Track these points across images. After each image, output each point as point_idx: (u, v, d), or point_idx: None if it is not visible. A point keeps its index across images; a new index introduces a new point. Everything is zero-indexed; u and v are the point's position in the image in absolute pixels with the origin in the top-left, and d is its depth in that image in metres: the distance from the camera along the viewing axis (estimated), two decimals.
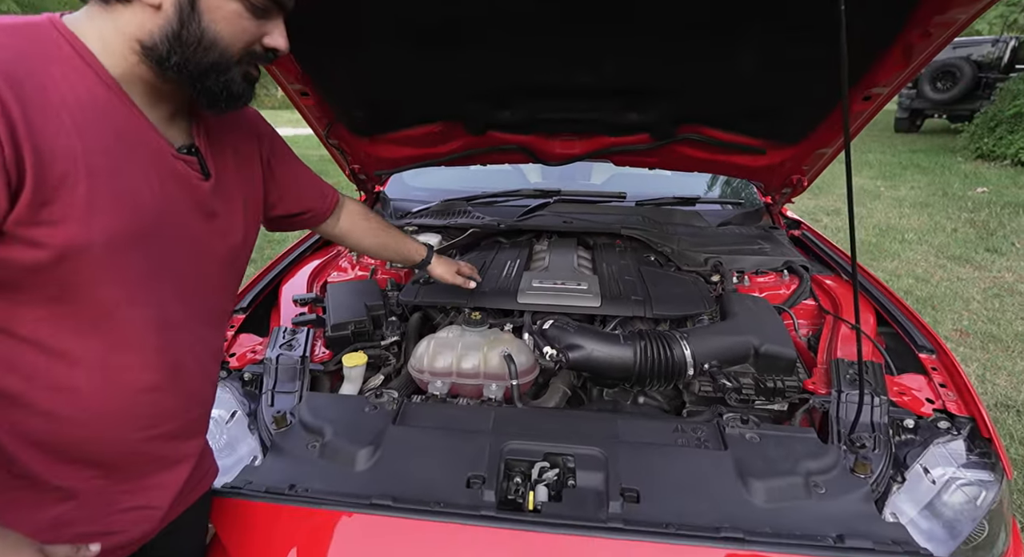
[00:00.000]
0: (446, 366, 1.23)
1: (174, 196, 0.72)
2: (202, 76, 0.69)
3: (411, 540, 0.86)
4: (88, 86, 0.63)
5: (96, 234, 0.63)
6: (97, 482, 0.72)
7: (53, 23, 0.64)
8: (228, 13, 0.67)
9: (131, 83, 0.68)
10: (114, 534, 0.74)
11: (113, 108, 0.66)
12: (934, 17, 1.12)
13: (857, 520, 0.88)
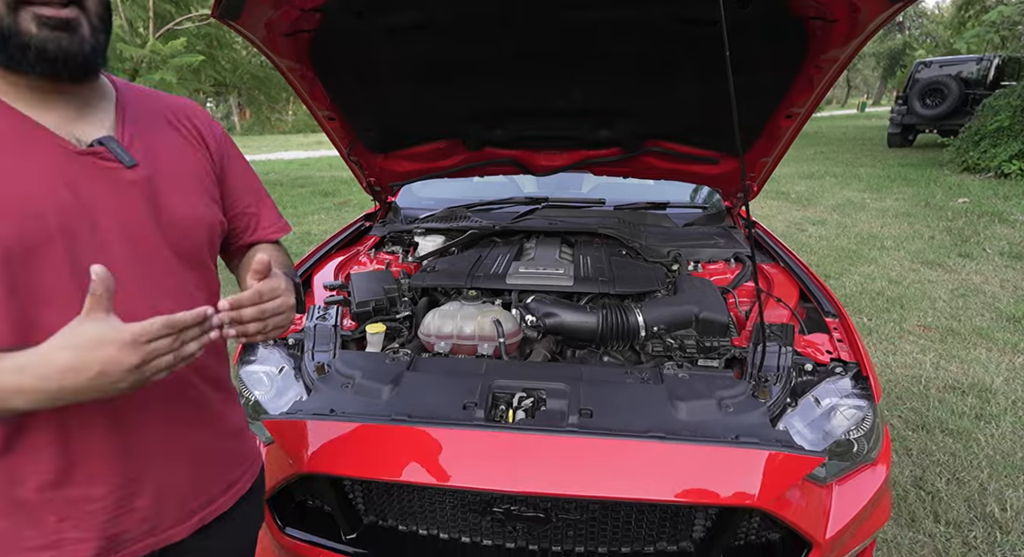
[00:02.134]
0: (448, 331, 1.55)
1: (92, 188, 0.71)
2: (2, 50, 0.65)
3: (419, 441, 1.17)
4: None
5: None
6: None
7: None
8: None
9: (10, 93, 0.69)
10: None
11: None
12: (820, 55, 1.46)
13: (753, 428, 1.19)
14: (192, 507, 0.83)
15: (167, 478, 0.79)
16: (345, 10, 1.44)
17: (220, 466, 0.88)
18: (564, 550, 1.20)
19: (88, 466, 0.72)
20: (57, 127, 0.70)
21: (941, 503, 1.98)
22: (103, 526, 0.74)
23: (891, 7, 1.24)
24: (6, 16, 0.64)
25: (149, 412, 0.76)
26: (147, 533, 0.78)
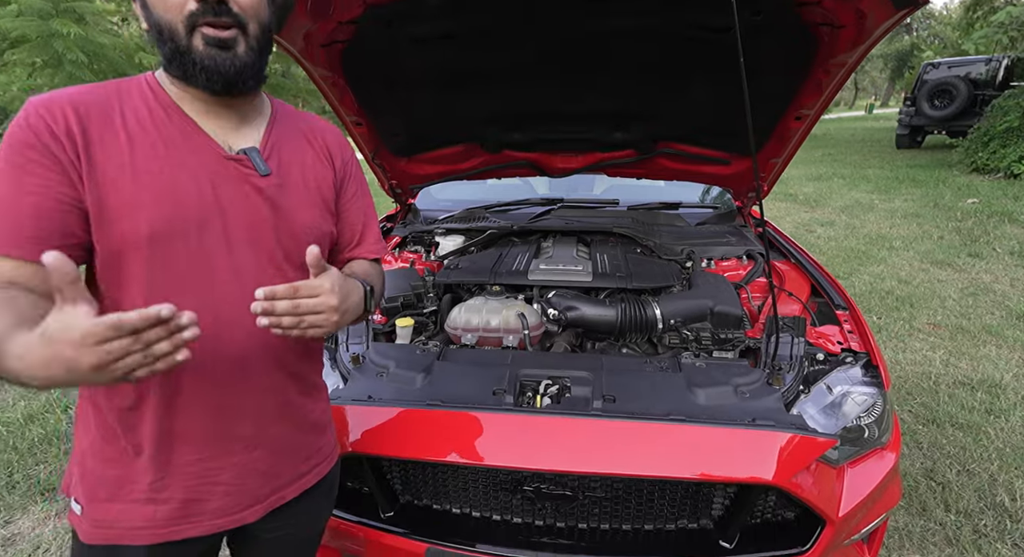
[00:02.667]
0: (475, 324, 1.63)
1: (230, 190, 0.81)
2: (179, 62, 0.76)
3: (453, 424, 1.25)
4: (148, 107, 0.79)
5: (139, 226, 0.74)
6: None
7: (146, 74, 0.83)
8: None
9: (184, 101, 0.81)
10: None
11: (165, 121, 0.79)
12: (829, 60, 1.53)
13: (768, 412, 1.26)
14: (265, 492, 0.91)
15: (248, 462, 0.88)
16: (377, 22, 1.53)
17: (294, 458, 0.95)
18: (590, 527, 1.27)
19: (185, 440, 0.83)
20: (215, 134, 0.82)
21: (952, 493, 2.03)
22: (189, 490, 0.84)
23: (897, 13, 1.31)
24: (184, 37, 0.74)
25: (242, 402, 0.85)
26: (224, 510, 0.87)
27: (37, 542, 1.83)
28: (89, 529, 0.83)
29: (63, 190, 0.72)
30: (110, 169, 0.74)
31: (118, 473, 0.82)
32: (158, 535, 0.83)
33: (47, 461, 2.24)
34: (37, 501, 2.02)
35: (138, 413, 0.81)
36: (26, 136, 0.72)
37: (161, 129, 0.78)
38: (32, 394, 2.72)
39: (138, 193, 0.75)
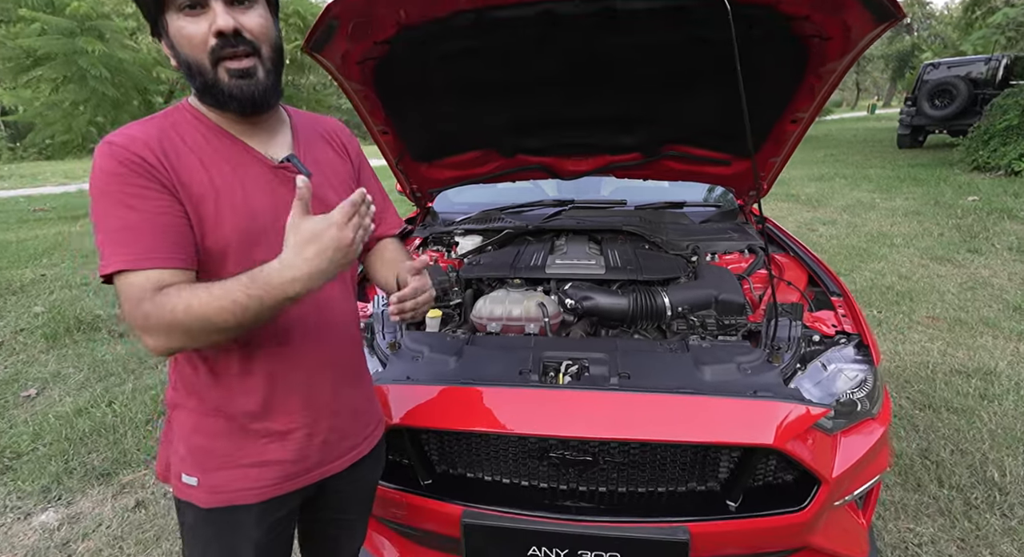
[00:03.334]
0: (499, 314, 1.78)
1: (284, 196, 0.91)
2: (210, 93, 0.87)
3: (485, 399, 1.40)
4: (202, 134, 0.90)
5: (227, 234, 0.87)
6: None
7: (183, 103, 0.95)
8: (178, 31, 0.83)
9: (226, 124, 0.92)
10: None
11: (221, 144, 0.91)
12: (819, 68, 1.69)
13: (768, 385, 1.40)
14: (345, 448, 1.08)
15: (334, 424, 1.04)
16: (409, 41, 1.69)
17: (363, 420, 1.13)
18: (609, 491, 1.42)
19: (286, 408, 0.98)
20: (259, 147, 0.94)
21: (945, 470, 2.16)
22: (295, 452, 1.00)
23: (878, 27, 1.46)
24: (210, 71, 0.85)
25: (325, 373, 1.02)
26: (319, 463, 1.03)
27: (99, 520, 1.99)
28: (206, 496, 0.96)
29: (178, 208, 0.85)
30: (195, 188, 0.86)
31: (226, 445, 0.96)
32: (267, 492, 0.98)
33: (99, 450, 2.40)
34: (93, 485, 2.18)
35: (242, 390, 0.95)
36: (127, 169, 0.82)
37: (219, 151, 0.90)
38: (77, 390, 2.89)
39: (221, 208, 0.88)
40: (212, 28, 0.82)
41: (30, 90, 6.70)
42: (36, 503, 2.09)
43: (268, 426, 0.97)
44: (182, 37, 0.83)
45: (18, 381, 3.07)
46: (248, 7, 0.86)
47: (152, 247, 0.82)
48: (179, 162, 0.86)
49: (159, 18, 0.85)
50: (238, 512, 0.97)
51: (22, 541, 1.91)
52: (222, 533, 0.99)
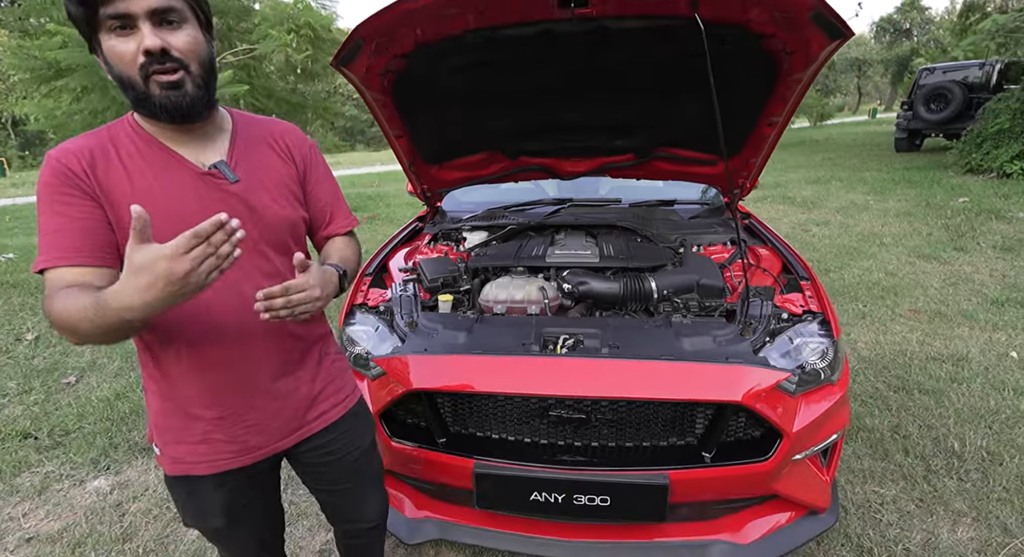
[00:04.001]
0: (504, 297, 2.00)
1: (210, 198, 1.00)
2: (143, 105, 0.94)
3: (493, 366, 1.62)
4: (135, 144, 0.99)
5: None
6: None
7: (127, 116, 1.03)
8: (111, 50, 0.90)
9: (159, 133, 1.00)
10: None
11: (150, 152, 0.99)
12: (788, 78, 1.91)
13: (739, 354, 1.61)
14: (291, 427, 1.17)
15: (271, 408, 1.13)
16: (425, 56, 1.92)
17: (308, 401, 1.18)
18: (600, 445, 1.63)
19: (218, 397, 1.07)
20: (189, 155, 1.01)
21: (911, 442, 2.36)
22: (230, 434, 1.10)
23: (832, 43, 1.68)
24: (141, 84, 0.92)
25: (254, 362, 1.09)
26: (259, 445, 1.13)
27: (145, 486, 2.22)
28: (169, 464, 1.10)
29: (98, 213, 0.94)
30: (116, 195, 0.94)
31: (176, 424, 1.08)
32: (214, 466, 1.09)
33: (138, 429, 2.63)
34: (137, 457, 2.40)
35: (182, 380, 1.05)
36: (57, 179, 0.93)
37: (147, 159, 0.98)
38: (113, 378, 3.12)
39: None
40: (140, 47, 0.88)
41: (51, 100, 6.96)
42: (88, 472, 2.32)
43: (204, 412, 1.07)
44: (114, 54, 0.90)
45: (58, 370, 3.30)
46: (176, 28, 0.93)
47: (68, 248, 0.92)
48: (105, 171, 0.95)
49: (92, 37, 0.92)
50: (196, 481, 1.10)
51: (80, 502, 2.13)
52: (190, 496, 1.14)
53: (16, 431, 2.60)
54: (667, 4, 1.67)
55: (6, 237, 7.83)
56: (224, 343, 1.04)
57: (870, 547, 1.84)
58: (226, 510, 1.14)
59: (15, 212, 10.75)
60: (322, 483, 1.30)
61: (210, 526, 1.17)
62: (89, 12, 0.88)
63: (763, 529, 1.68)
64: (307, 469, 1.27)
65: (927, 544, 1.84)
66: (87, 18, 0.89)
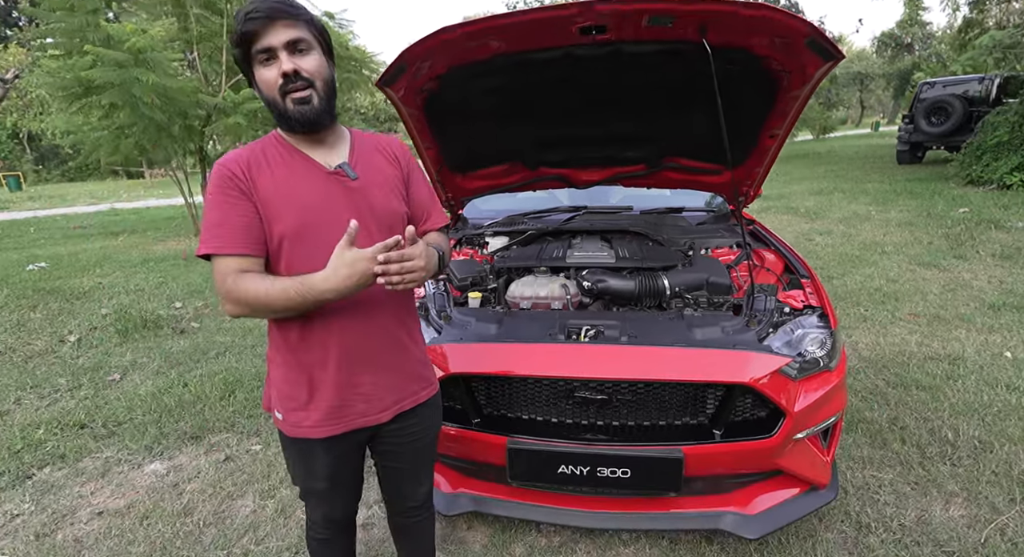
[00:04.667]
0: (529, 294, 2.19)
1: (335, 195, 1.20)
2: (283, 120, 1.16)
3: (523, 353, 1.80)
4: (278, 151, 1.20)
5: (286, 227, 1.15)
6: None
7: (273, 131, 1.25)
8: (260, 78, 1.13)
9: (296, 142, 1.21)
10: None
11: (285, 155, 1.20)
12: (787, 94, 2.11)
13: (745, 342, 1.80)
14: (388, 402, 1.32)
15: (376, 380, 1.29)
16: (457, 77, 2.13)
17: (408, 380, 1.36)
18: (621, 424, 1.81)
19: (337, 368, 1.24)
20: (319, 159, 1.23)
21: (908, 433, 2.52)
22: (343, 399, 1.26)
23: (825, 64, 1.89)
24: (281, 102, 1.14)
25: (371, 339, 1.27)
26: (364, 412, 1.28)
27: (198, 469, 2.40)
28: (288, 428, 1.27)
29: (253, 210, 1.15)
30: (262, 192, 1.16)
31: (299, 393, 1.25)
32: (327, 431, 1.25)
33: (184, 419, 2.82)
34: (187, 444, 2.59)
35: (310, 353, 1.22)
36: (223, 181, 1.15)
37: (287, 162, 1.20)
38: (154, 375, 3.32)
39: (281, 205, 1.16)
40: (280, 71, 1.11)
41: (81, 116, 7.25)
42: (143, 457, 2.51)
43: (327, 381, 1.24)
44: (263, 81, 1.14)
45: (102, 368, 3.51)
46: (305, 54, 1.14)
47: (233, 239, 1.14)
48: (257, 173, 1.17)
49: (249, 71, 1.16)
50: (310, 443, 1.27)
51: (140, 483, 2.32)
52: (302, 456, 1.31)
53: (72, 422, 2.80)
54: (678, 31, 1.88)
55: (35, 248, 8.11)
56: (349, 320, 1.23)
57: (868, 522, 2.00)
58: (330, 474, 1.32)
59: (38, 224, 11.06)
60: (394, 461, 1.44)
61: (314, 487, 1.35)
62: (245, 50, 1.13)
63: (770, 502, 1.85)
64: (386, 447, 1.41)
65: (921, 520, 2.00)
66: (245, 56, 1.13)
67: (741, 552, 1.89)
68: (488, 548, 1.94)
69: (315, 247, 1.16)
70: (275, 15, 1.10)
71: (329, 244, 1.11)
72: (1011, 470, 2.22)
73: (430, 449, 1.49)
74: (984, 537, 1.90)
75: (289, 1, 1.13)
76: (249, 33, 1.10)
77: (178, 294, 5.22)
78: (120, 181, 26.74)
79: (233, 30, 1.14)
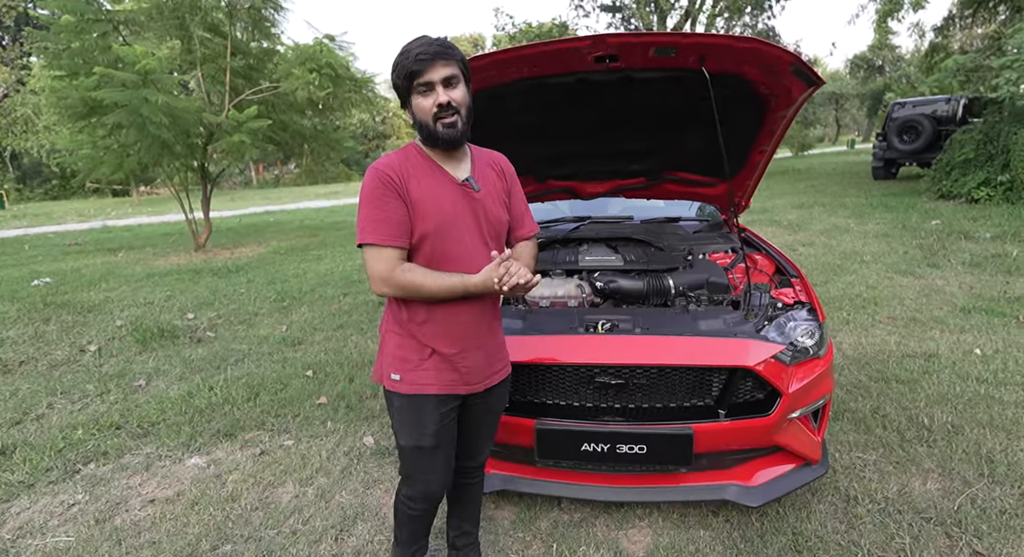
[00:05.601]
0: (548, 294, 2.42)
1: (462, 202, 1.43)
2: (431, 139, 1.39)
3: (548, 343, 2.02)
4: (420, 162, 1.42)
5: (428, 226, 1.38)
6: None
7: (412, 143, 1.47)
8: (417, 105, 1.35)
9: (434, 155, 1.43)
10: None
11: (428, 167, 1.42)
12: (775, 115, 2.38)
13: (744, 332, 2.03)
14: (485, 374, 1.56)
15: (477, 356, 1.52)
16: (481, 98, 2.36)
17: (497, 358, 1.60)
18: (637, 406, 2.02)
19: (448, 342, 1.47)
20: (450, 170, 1.46)
21: (889, 420, 2.77)
22: (453, 369, 1.49)
23: (808, 89, 2.16)
24: (432, 125, 1.37)
25: (477, 322, 1.51)
26: (467, 382, 1.52)
27: (236, 462, 2.56)
28: (407, 387, 1.48)
29: (405, 209, 1.38)
30: (413, 195, 1.38)
31: (415, 356, 1.48)
32: (441, 388, 1.49)
33: (215, 419, 2.97)
34: (222, 441, 2.75)
35: (425, 327, 1.46)
36: (381, 184, 1.37)
37: (427, 172, 1.42)
38: (179, 380, 3.47)
39: (425, 209, 1.38)
40: (435, 101, 1.34)
41: (84, 134, 7.39)
42: (182, 453, 2.66)
43: (442, 348, 1.47)
44: (419, 108, 1.37)
45: (126, 375, 3.64)
46: (455, 87, 1.37)
47: (393, 234, 1.37)
48: (407, 179, 1.39)
49: (408, 98, 1.39)
50: (425, 398, 1.48)
51: (184, 475, 2.47)
52: (416, 411, 1.50)
53: (108, 423, 2.93)
54: (680, 60, 2.14)
55: (35, 264, 8.16)
56: (464, 308, 1.46)
57: (855, 495, 2.22)
58: (436, 430, 1.51)
59: (31, 242, 11.06)
60: (475, 426, 1.67)
61: (422, 444, 1.52)
62: (409, 83, 1.35)
63: (769, 476, 2.07)
64: (471, 414, 1.63)
65: (901, 492, 2.23)
66: (408, 88, 1.36)
67: (744, 523, 2.10)
68: (516, 523, 2.12)
69: (447, 244, 1.41)
70: (438, 57, 1.33)
71: (457, 242, 1.41)
72: (980, 449, 2.47)
73: (498, 417, 1.74)
74: (957, 505, 2.13)
75: (448, 44, 1.37)
76: (417, 71, 1.33)
77: (188, 306, 5.36)
78: (105, 199, 26.56)
79: (400, 65, 1.35)
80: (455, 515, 1.86)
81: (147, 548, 2.00)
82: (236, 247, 9.15)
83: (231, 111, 7.44)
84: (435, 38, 1.37)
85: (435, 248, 1.41)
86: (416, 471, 1.60)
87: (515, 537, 2.07)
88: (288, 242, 9.46)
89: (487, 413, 1.67)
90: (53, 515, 2.21)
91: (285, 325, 4.74)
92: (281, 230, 11.28)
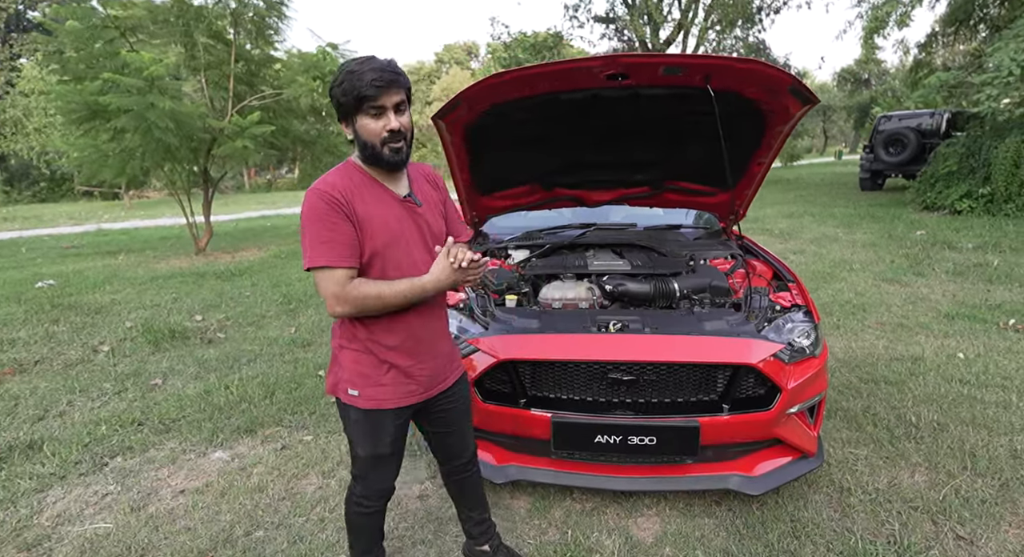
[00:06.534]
0: (559, 296, 2.56)
1: (407, 218, 1.48)
2: (374, 159, 1.42)
3: (561, 341, 2.15)
4: (362, 181, 1.43)
5: (377, 244, 1.41)
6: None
7: (350, 160, 1.48)
8: (364, 126, 1.37)
9: (374, 173, 1.46)
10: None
11: (370, 185, 1.44)
12: (773, 130, 2.55)
13: (746, 332, 2.18)
14: (438, 380, 1.63)
15: (434, 364, 1.60)
16: (498, 112, 2.52)
17: (448, 362, 1.67)
18: (646, 401, 2.16)
19: (403, 354, 1.53)
20: (391, 187, 1.49)
21: (879, 418, 2.93)
22: (409, 379, 1.55)
23: (804, 107, 2.33)
24: (379, 148, 1.40)
25: (429, 331, 1.58)
26: (426, 389, 1.59)
27: (259, 456, 2.67)
28: (365, 402, 1.52)
29: (353, 229, 1.39)
30: (360, 215, 1.40)
31: (373, 371, 1.52)
32: (395, 402, 1.54)
33: (235, 416, 3.07)
34: (243, 436, 2.85)
35: (384, 338, 1.50)
36: (327, 206, 1.37)
37: (370, 190, 1.44)
38: (194, 379, 3.56)
39: (373, 227, 1.41)
40: (386, 127, 1.38)
41: (90, 138, 7.46)
42: (206, 447, 2.76)
43: (398, 361, 1.52)
44: (366, 129, 1.38)
45: (142, 374, 3.73)
46: (403, 112, 1.42)
47: (344, 255, 1.38)
48: (352, 199, 1.40)
49: (353, 117, 1.39)
50: (382, 413, 1.54)
51: (210, 468, 2.57)
52: (374, 424, 1.56)
53: (130, 419, 3.02)
54: (686, 78, 2.30)
55: (35, 267, 8.19)
56: (417, 315, 1.53)
57: (848, 487, 2.37)
58: (393, 440, 1.60)
59: (27, 244, 11.05)
60: (445, 427, 1.75)
61: (379, 452, 1.60)
62: (358, 104, 1.36)
63: (769, 467, 2.21)
64: (436, 415, 1.71)
65: (891, 484, 2.39)
66: (355, 107, 1.37)
67: (745, 511, 2.24)
68: (531, 512, 2.25)
69: (396, 259, 1.47)
70: (392, 85, 1.37)
71: (406, 255, 1.47)
72: (963, 445, 2.64)
73: (468, 414, 1.81)
74: (942, 495, 2.29)
75: (399, 71, 1.40)
76: (371, 96, 1.35)
77: (196, 309, 5.44)
78: (95, 202, 26.40)
79: (351, 86, 1.35)
80: (463, 507, 1.95)
81: (183, 533, 2.10)
82: (236, 251, 9.22)
83: (234, 116, 7.54)
84: (385, 61, 1.39)
85: (385, 264, 1.46)
86: (371, 473, 1.66)
87: (531, 524, 2.19)
88: (288, 246, 9.53)
89: (458, 414, 1.75)
90: (88, 504, 2.31)
91: (293, 327, 4.84)
92: (279, 234, 11.35)
